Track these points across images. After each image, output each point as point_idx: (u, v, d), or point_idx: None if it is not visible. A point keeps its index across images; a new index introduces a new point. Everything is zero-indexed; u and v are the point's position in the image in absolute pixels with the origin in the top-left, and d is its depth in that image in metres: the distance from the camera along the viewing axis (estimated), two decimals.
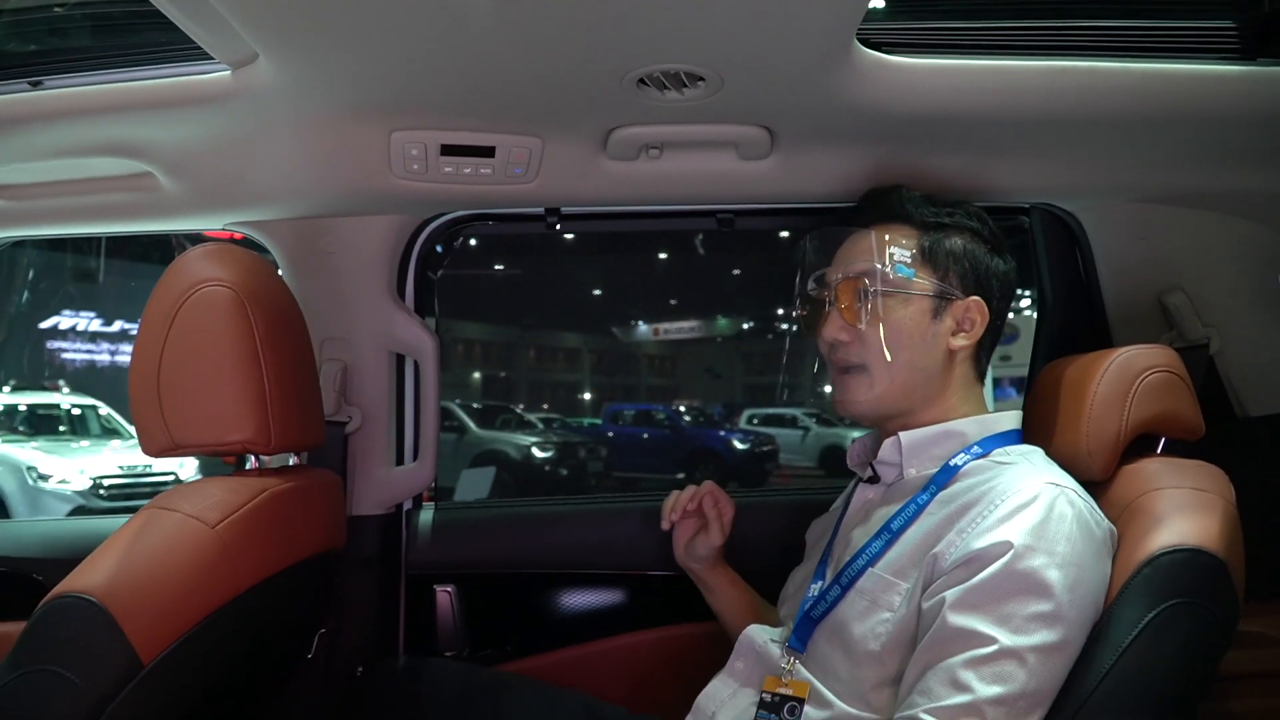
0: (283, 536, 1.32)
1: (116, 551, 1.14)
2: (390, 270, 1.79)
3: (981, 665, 1.08)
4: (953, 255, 1.38)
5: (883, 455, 1.38)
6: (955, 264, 1.38)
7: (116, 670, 1.08)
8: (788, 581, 1.54)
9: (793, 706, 1.27)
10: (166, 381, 1.24)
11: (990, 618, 1.10)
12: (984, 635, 1.09)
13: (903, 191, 1.44)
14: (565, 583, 1.93)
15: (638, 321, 32.53)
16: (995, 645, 1.09)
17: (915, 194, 1.43)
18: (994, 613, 1.10)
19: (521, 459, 15.08)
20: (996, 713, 1.07)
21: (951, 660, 1.10)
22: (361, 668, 1.73)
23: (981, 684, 1.08)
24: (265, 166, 1.58)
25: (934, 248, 1.38)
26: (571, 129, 1.50)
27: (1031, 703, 1.08)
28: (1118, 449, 1.35)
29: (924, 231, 1.39)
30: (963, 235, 1.40)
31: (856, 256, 1.40)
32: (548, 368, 33.24)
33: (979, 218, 1.43)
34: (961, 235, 1.40)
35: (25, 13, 1.57)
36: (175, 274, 1.28)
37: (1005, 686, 1.07)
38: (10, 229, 1.74)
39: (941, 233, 1.39)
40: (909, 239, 1.38)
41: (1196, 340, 1.77)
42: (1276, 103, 1.42)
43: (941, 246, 1.38)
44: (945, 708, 1.08)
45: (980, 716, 1.07)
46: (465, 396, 22.95)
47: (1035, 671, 1.08)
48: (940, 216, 1.40)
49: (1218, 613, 1.14)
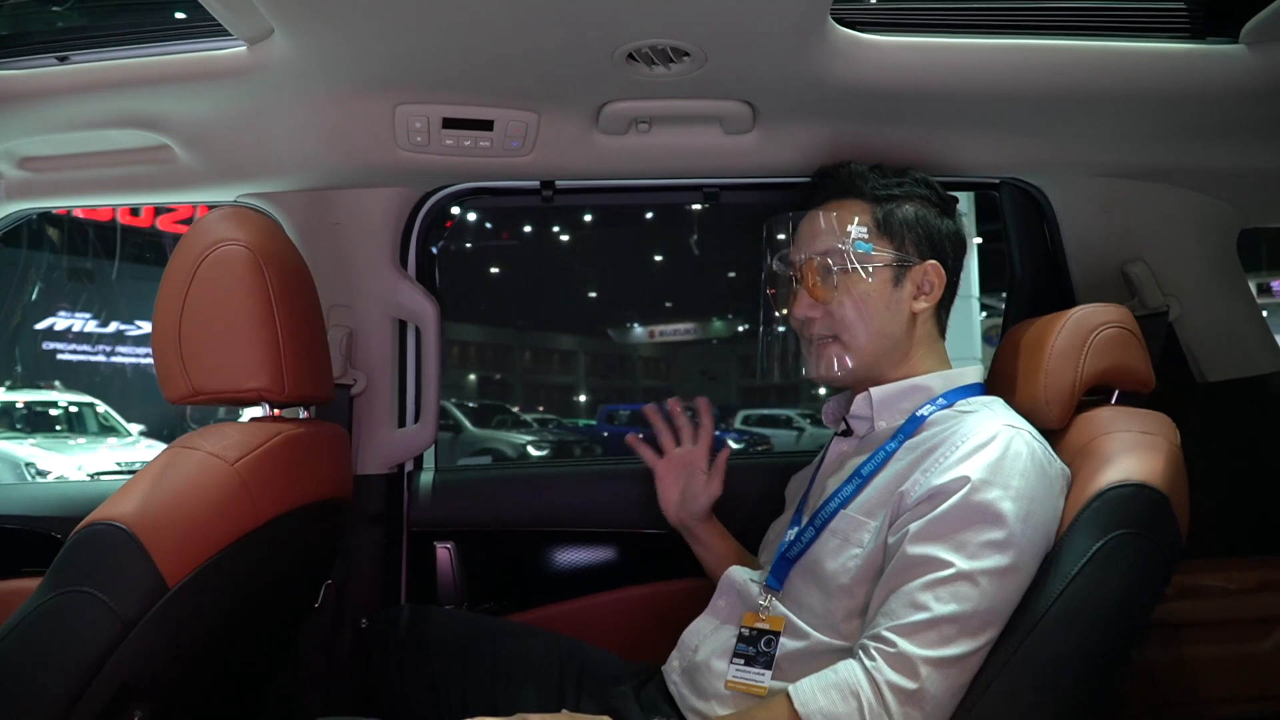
0: (295, 477, 1.41)
1: (144, 485, 1.23)
2: (394, 240, 1.89)
3: (939, 587, 1.18)
4: (906, 224, 1.45)
5: (855, 410, 1.47)
6: (909, 231, 1.45)
7: (144, 592, 1.17)
8: (768, 531, 1.63)
9: (769, 639, 1.36)
10: (187, 334, 1.33)
11: (947, 545, 1.19)
12: (941, 560, 1.19)
13: (852, 166, 1.51)
14: (558, 540, 2.02)
15: (633, 324, 32.60)
16: (952, 569, 1.18)
17: (864, 168, 1.50)
18: (951, 540, 1.20)
19: (517, 458, 15.16)
20: (951, 629, 1.16)
21: (911, 584, 1.20)
22: (366, 618, 1.82)
23: (938, 604, 1.17)
24: (277, 139, 1.66)
25: (888, 219, 1.45)
26: (566, 103, 1.58)
27: (984, 621, 1.17)
28: (1073, 399, 1.44)
29: (877, 204, 1.47)
30: (913, 202, 1.47)
31: (817, 236, 1.47)
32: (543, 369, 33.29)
33: (925, 184, 1.50)
34: (912, 202, 1.47)
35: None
36: (195, 234, 1.37)
37: (960, 605, 1.17)
38: (34, 201, 1.82)
39: (893, 203, 1.47)
40: (864, 213, 1.46)
41: (1157, 308, 1.86)
42: (1225, 80, 1.50)
43: (895, 217, 1.46)
44: (905, 625, 1.18)
45: (937, 631, 1.16)
46: (461, 397, 22.97)
47: (988, 593, 1.17)
48: (890, 188, 1.47)
49: (1160, 542, 1.23)
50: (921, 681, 1.15)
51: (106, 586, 1.15)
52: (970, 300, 3.13)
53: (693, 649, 1.46)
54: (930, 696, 1.15)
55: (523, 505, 2.03)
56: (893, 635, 1.18)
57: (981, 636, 1.18)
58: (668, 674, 1.48)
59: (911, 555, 1.21)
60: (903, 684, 1.15)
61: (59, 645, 1.14)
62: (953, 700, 1.17)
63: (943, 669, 1.16)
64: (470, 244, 25.59)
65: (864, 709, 1.15)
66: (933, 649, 1.16)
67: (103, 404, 12.84)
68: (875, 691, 1.16)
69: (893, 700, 1.15)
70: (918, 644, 1.16)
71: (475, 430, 16.10)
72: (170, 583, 1.18)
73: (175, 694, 1.25)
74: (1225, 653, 1.77)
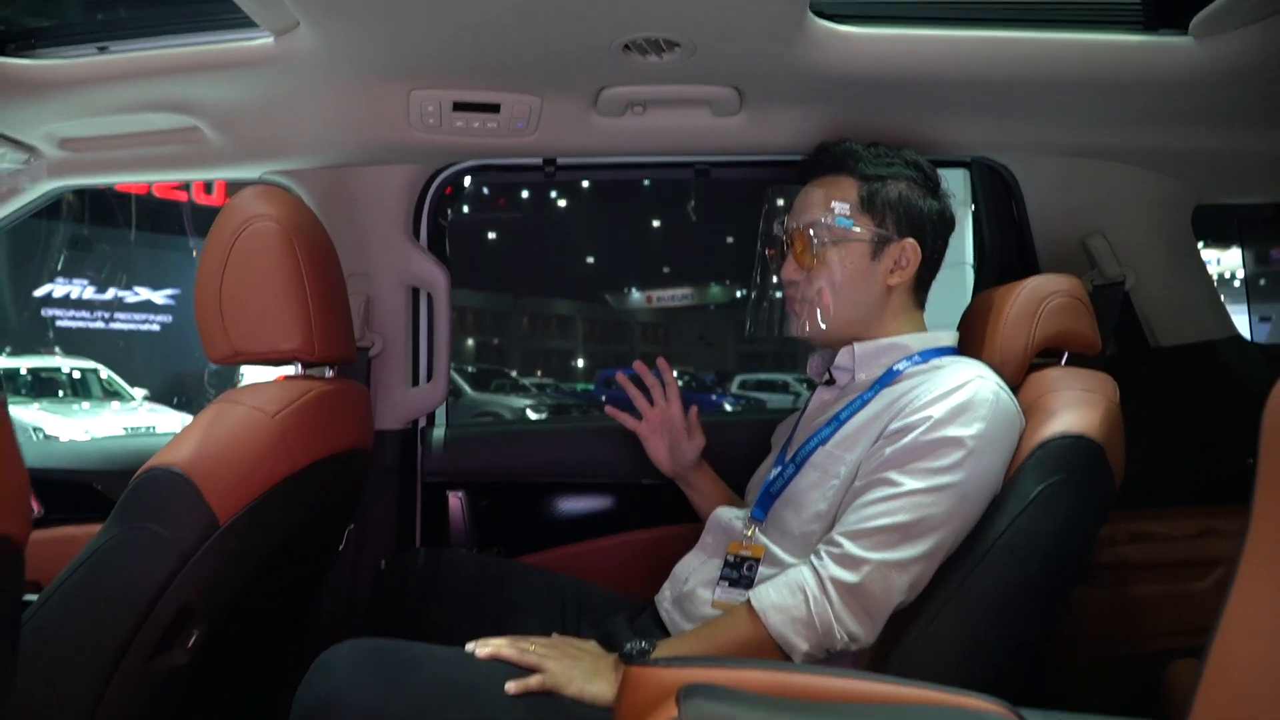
0: (325, 429, 1.56)
1: (195, 435, 1.38)
2: (407, 213, 2.04)
3: (888, 501, 1.33)
4: (888, 203, 1.57)
5: (839, 361, 1.61)
6: (891, 210, 1.57)
7: (199, 528, 1.33)
8: (754, 475, 1.78)
9: (750, 565, 1.51)
10: (227, 301, 1.48)
11: (904, 470, 1.35)
12: (894, 481, 1.34)
13: (847, 145, 1.63)
14: (560, 490, 2.19)
15: (631, 289, 32.61)
16: (901, 487, 1.33)
17: (858, 147, 1.62)
18: (907, 467, 1.35)
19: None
20: (894, 536, 1.32)
21: (863, 499, 1.36)
22: (385, 560, 1.98)
23: (885, 516, 1.33)
24: (300, 121, 1.80)
25: (872, 198, 1.57)
26: (567, 88, 1.71)
27: (924, 530, 1.32)
28: (1025, 360, 1.58)
29: (864, 182, 1.58)
30: (900, 183, 1.59)
31: (806, 208, 1.61)
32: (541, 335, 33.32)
33: (915, 165, 1.62)
34: (899, 183, 1.59)
35: None
36: (231, 211, 1.51)
37: (905, 517, 1.32)
38: (72, 178, 1.95)
39: (880, 183, 1.58)
40: (850, 191, 1.58)
41: (1114, 278, 2.00)
42: (1175, 69, 1.62)
43: (879, 196, 1.57)
44: (852, 530, 1.34)
45: (882, 536, 1.32)
46: (460, 361, 23.07)
47: (931, 508, 1.32)
48: (879, 168, 1.59)
49: (1095, 488, 1.37)
50: (862, 578, 1.31)
51: (166, 523, 1.31)
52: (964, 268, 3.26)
53: (683, 580, 1.61)
54: (869, 593, 1.31)
55: (527, 458, 2.20)
56: (840, 538, 1.34)
57: (921, 544, 1.32)
58: (660, 603, 1.63)
59: (871, 479, 1.38)
60: (845, 578, 1.31)
61: (127, 574, 1.30)
62: (890, 600, 1.32)
63: (882, 569, 1.31)
64: (468, 211, 25.57)
65: (809, 599, 1.32)
66: (875, 551, 1.31)
67: (106, 369, 12.95)
68: (820, 585, 1.32)
69: (834, 593, 1.31)
70: (861, 547, 1.32)
71: (474, 394, 16.26)
72: (221, 520, 1.34)
73: (225, 618, 1.42)
74: (1169, 591, 1.92)
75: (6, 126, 1.73)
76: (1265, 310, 10.99)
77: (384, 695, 1.26)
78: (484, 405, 15.89)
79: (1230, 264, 13.24)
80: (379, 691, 1.26)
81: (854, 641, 1.33)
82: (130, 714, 1.29)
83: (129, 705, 1.31)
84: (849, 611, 1.31)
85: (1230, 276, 14.67)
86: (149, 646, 1.32)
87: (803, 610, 1.32)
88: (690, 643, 1.40)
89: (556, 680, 1.32)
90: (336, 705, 1.24)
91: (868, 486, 1.37)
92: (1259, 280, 11.57)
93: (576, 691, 1.31)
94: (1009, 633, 1.35)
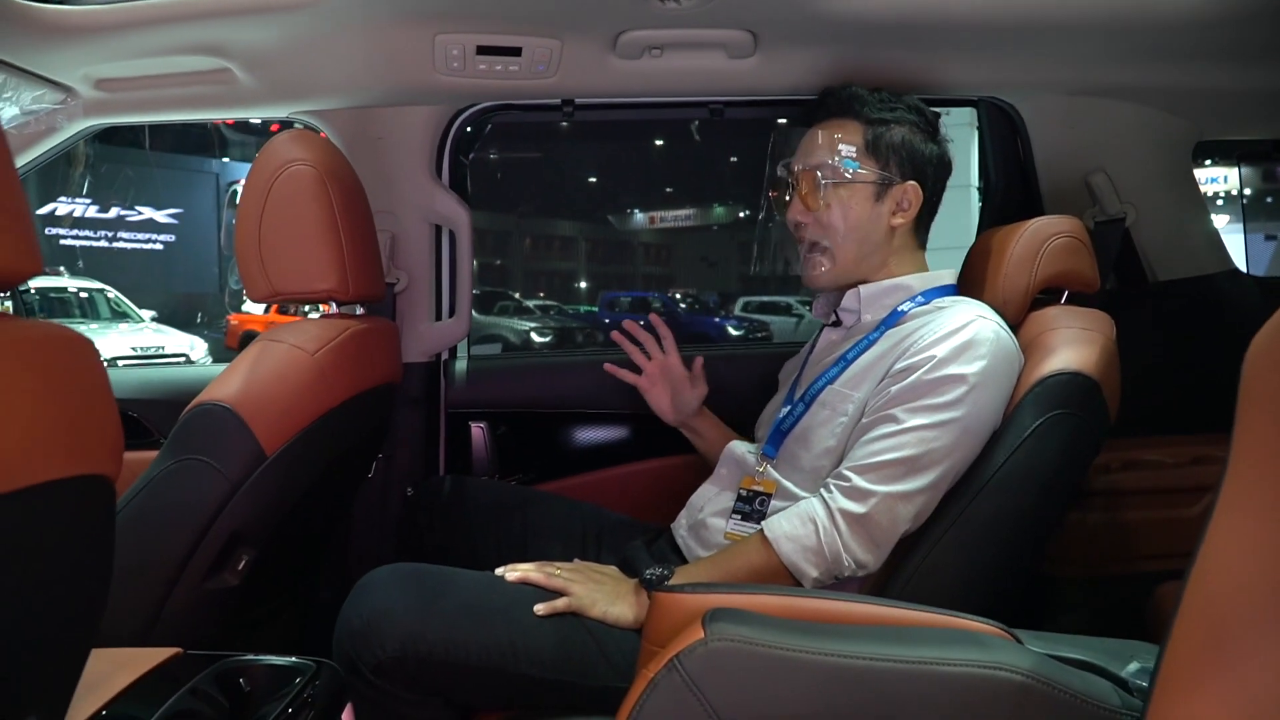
0: (360, 365, 1.65)
1: (241, 372, 1.47)
2: (430, 153, 2.09)
3: (894, 437, 1.41)
4: (892, 146, 1.62)
5: (845, 303, 1.68)
6: (894, 154, 1.62)
7: (247, 459, 1.42)
8: (764, 412, 1.85)
9: (762, 499, 1.59)
10: (266, 242, 1.55)
11: (908, 407, 1.42)
12: (898, 418, 1.42)
13: (852, 89, 1.68)
14: (579, 420, 2.28)
15: (634, 210, 32.37)
16: (906, 423, 1.41)
17: (863, 91, 1.66)
18: (912, 404, 1.42)
19: (521, 344, 15.38)
20: (899, 470, 1.40)
21: (871, 435, 1.44)
22: (411, 487, 2.08)
23: (891, 451, 1.40)
24: (328, 64, 1.84)
25: (876, 141, 1.63)
26: (586, 33, 1.75)
27: (927, 463, 1.39)
28: (1027, 299, 1.64)
29: (869, 126, 1.63)
30: (903, 127, 1.64)
31: (812, 151, 1.66)
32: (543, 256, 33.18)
33: (917, 110, 1.67)
34: (902, 127, 1.64)
35: None
36: (268, 155, 1.57)
37: (909, 451, 1.39)
38: (107, 117, 2.00)
39: (884, 127, 1.63)
40: (855, 134, 1.63)
41: (1116, 214, 2.05)
42: (1177, 8, 1.64)
43: (883, 139, 1.62)
44: (859, 465, 1.42)
45: (887, 470, 1.40)
46: None
47: (934, 442, 1.39)
48: (883, 112, 1.64)
49: (1090, 421, 1.45)
50: (869, 509, 1.39)
51: (217, 455, 1.41)
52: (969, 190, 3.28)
53: (698, 509, 1.70)
54: (875, 523, 1.40)
55: (547, 389, 2.29)
56: (848, 472, 1.42)
57: (925, 476, 1.40)
58: (676, 530, 1.72)
59: (877, 416, 1.45)
60: (852, 509, 1.40)
61: (181, 501, 1.40)
62: (896, 529, 1.41)
63: (888, 501, 1.39)
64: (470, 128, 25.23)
65: (819, 529, 1.40)
66: (881, 485, 1.39)
67: (113, 290, 12.99)
68: (829, 516, 1.41)
69: (843, 523, 1.40)
70: (868, 480, 1.40)
71: (479, 317, 16.23)
72: (267, 452, 1.43)
73: (271, 542, 1.52)
74: (1160, 516, 2.02)
75: (46, 69, 1.78)
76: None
77: (422, 614, 1.37)
78: (488, 328, 15.93)
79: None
80: (418, 611, 1.37)
81: (861, 568, 1.42)
82: (185, 630, 1.40)
83: (184, 622, 1.42)
84: (857, 540, 1.40)
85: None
86: (203, 568, 1.43)
87: (813, 539, 1.41)
88: (706, 569, 1.49)
89: (581, 603, 1.42)
90: (378, 623, 1.35)
91: (874, 423, 1.45)
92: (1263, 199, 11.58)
93: (600, 613, 1.42)
94: (1005, 559, 1.44)
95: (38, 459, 0.70)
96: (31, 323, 0.72)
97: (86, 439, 0.77)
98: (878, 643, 0.93)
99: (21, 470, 0.68)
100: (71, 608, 0.83)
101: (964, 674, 0.90)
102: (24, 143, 1.96)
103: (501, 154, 26.08)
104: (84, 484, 0.77)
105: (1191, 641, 0.63)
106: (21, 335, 0.70)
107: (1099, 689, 0.92)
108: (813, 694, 0.90)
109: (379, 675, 1.34)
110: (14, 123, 1.85)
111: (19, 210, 0.71)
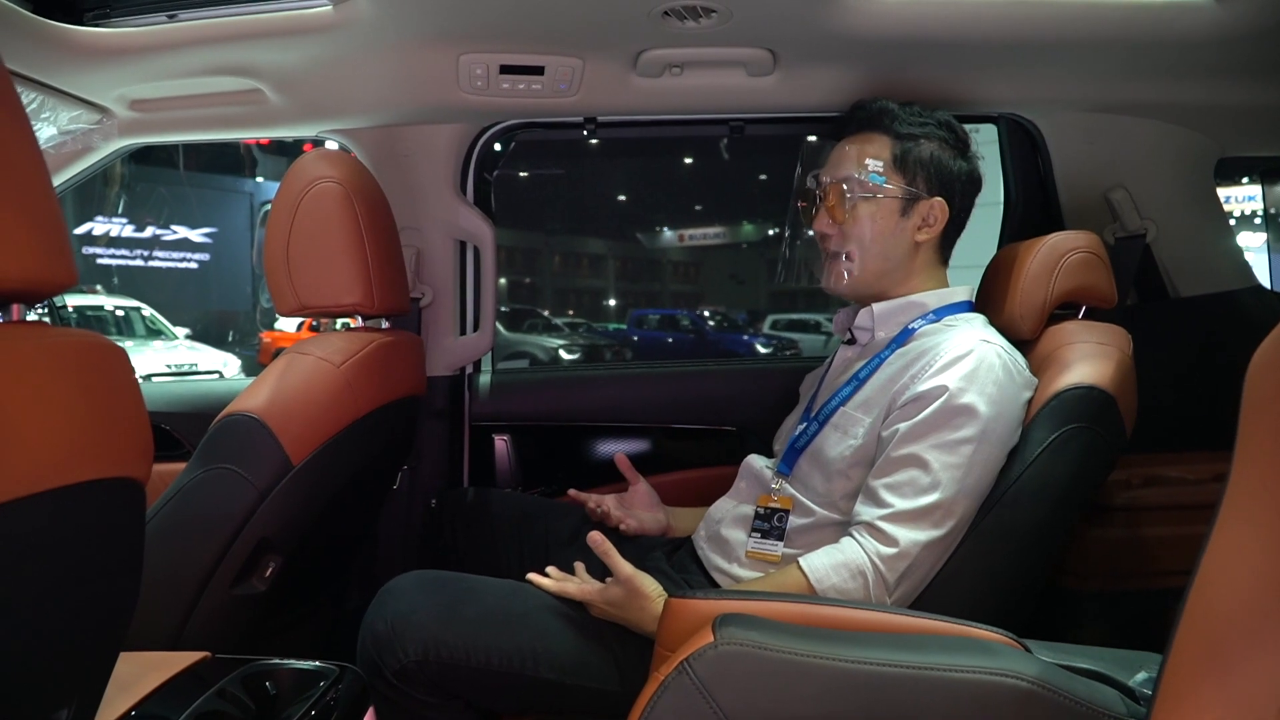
0: (385, 378, 1.68)
1: (269, 383, 1.51)
2: (455, 170, 2.14)
3: (923, 480, 1.41)
4: (920, 162, 1.63)
5: (859, 322, 1.70)
6: (922, 169, 1.63)
7: (274, 468, 1.46)
8: (782, 425, 1.87)
9: (780, 515, 1.61)
10: (294, 258, 1.60)
11: (928, 444, 1.42)
12: (923, 459, 1.42)
13: (882, 103, 1.68)
14: (599, 433, 2.31)
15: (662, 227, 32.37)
16: (933, 465, 1.41)
17: (893, 106, 1.67)
18: (932, 439, 1.42)
19: (549, 361, 15.43)
20: (935, 516, 1.39)
21: (898, 477, 1.43)
22: (435, 498, 2.11)
23: (923, 496, 1.40)
24: (355, 84, 1.89)
25: (904, 156, 1.64)
26: (608, 52, 1.78)
27: (960, 503, 1.40)
28: (1044, 313, 1.65)
29: (897, 141, 1.64)
30: (932, 142, 1.65)
31: (840, 163, 1.67)
32: (573, 274, 33.26)
33: (947, 126, 1.68)
34: (931, 142, 1.65)
35: None
36: (296, 173, 1.62)
37: (941, 494, 1.39)
38: (141, 137, 2.06)
39: (913, 142, 1.64)
40: (883, 149, 1.64)
41: (1136, 230, 2.06)
42: (1194, 28, 1.65)
43: (911, 155, 1.64)
44: (896, 514, 1.41)
45: (926, 519, 1.39)
46: None
47: (963, 481, 1.40)
48: (912, 127, 1.65)
49: (1105, 436, 1.46)
50: (913, 560, 1.39)
51: (245, 464, 1.45)
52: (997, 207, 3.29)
53: (717, 521, 1.71)
54: (916, 569, 1.40)
55: (569, 403, 2.32)
56: (887, 526, 1.41)
57: (956, 512, 1.40)
58: (696, 541, 1.74)
59: (900, 455, 1.44)
60: (899, 565, 1.39)
61: (211, 508, 1.44)
62: (935, 569, 1.41)
63: (929, 548, 1.40)
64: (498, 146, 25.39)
65: (869, 585, 1.39)
66: (922, 533, 1.39)
67: (148, 308, 13.17)
68: (875, 572, 1.40)
69: (890, 576, 1.39)
70: (910, 529, 1.39)
71: (508, 334, 16.35)
72: (294, 461, 1.47)
73: (297, 550, 1.56)
74: (1179, 532, 1.99)
75: (82, 89, 1.84)
76: None
77: (444, 620, 1.40)
78: (517, 345, 16.00)
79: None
80: (440, 616, 1.40)
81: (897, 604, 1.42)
82: (214, 634, 1.44)
83: (213, 627, 1.46)
84: (900, 587, 1.40)
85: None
86: (231, 575, 1.46)
87: (861, 594, 1.41)
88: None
89: (605, 612, 1.45)
90: (403, 628, 1.38)
91: (901, 463, 1.44)
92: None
93: (620, 621, 1.45)
94: (1018, 570, 1.45)
95: (71, 461, 0.74)
96: (66, 330, 0.76)
97: (118, 442, 0.80)
98: (885, 649, 0.95)
99: (55, 471, 0.71)
100: (102, 606, 0.86)
101: (970, 680, 0.91)
102: (61, 161, 2.02)
103: (531, 171, 26.23)
104: (115, 486, 0.80)
105: (1192, 651, 0.64)
106: (56, 343, 0.74)
107: (1105, 697, 0.93)
108: (820, 698, 0.92)
109: (401, 679, 1.38)
110: (51, 142, 1.91)
111: (56, 225, 0.74)
